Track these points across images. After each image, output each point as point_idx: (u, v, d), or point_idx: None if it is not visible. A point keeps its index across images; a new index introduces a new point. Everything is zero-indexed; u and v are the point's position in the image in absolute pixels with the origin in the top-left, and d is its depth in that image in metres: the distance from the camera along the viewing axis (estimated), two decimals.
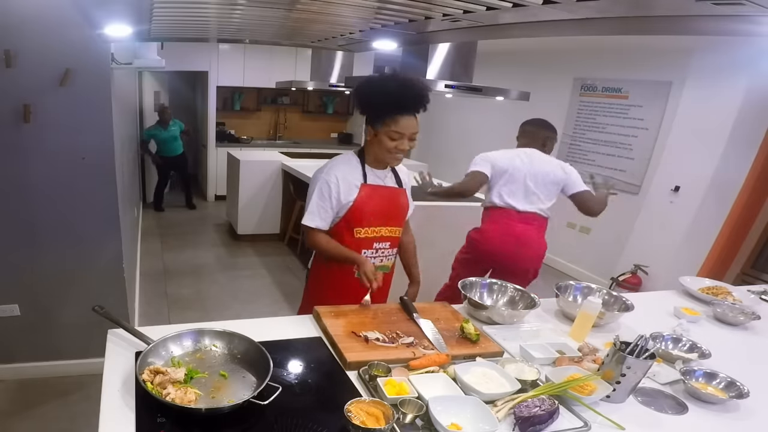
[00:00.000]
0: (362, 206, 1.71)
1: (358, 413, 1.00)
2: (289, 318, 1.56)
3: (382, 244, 1.80)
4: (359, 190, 1.71)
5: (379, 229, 1.78)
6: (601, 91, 4.75)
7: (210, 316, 3.54)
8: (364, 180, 1.73)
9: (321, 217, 1.71)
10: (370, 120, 1.68)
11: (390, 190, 1.79)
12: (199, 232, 5.73)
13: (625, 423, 1.11)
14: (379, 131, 1.66)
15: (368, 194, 1.72)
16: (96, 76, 2.16)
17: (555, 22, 1.32)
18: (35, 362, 2.54)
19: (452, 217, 3.54)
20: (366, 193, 1.71)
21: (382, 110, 1.64)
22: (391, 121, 1.63)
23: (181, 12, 1.75)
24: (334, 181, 1.69)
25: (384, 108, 1.63)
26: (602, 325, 1.63)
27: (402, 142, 1.66)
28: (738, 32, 1.23)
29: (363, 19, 1.71)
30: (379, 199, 1.75)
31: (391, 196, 1.80)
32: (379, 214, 1.76)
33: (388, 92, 1.62)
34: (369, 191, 1.72)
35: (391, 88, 1.62)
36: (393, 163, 1.77)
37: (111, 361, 1.17)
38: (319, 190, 1.70)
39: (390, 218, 1.80)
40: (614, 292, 1.80)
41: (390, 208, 1.79)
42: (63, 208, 2.31)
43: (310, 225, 1.72)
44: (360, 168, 1.74)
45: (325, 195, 1.70)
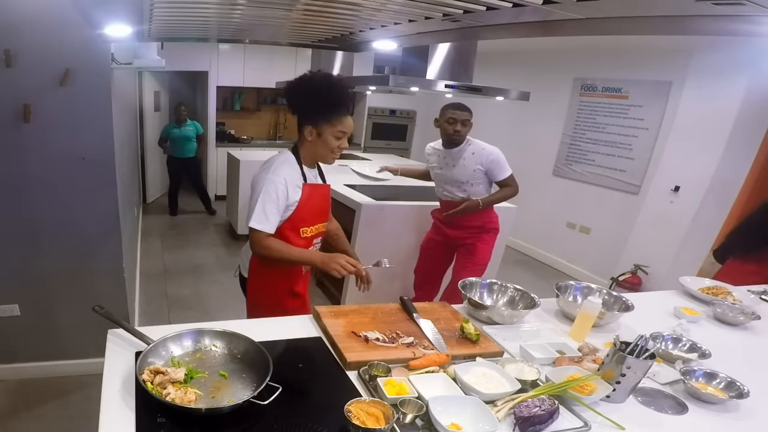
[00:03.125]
0: (306, 206, 1.74)
1: (358, 413, 1.00)
2: (289, 318, 1.56)
3: (319, 239, 1.88)
4: (302, 190, 1.72)
5: (318, 226, 1.83)
6: (601, 91, 4.75)
7: (210, 316, 3.54)
8: (304, 180, 1.74)
9: (270, 221, 1.67)
10: (311, 120, 1.67)
11: (323, 188, 1.85)
12: (199, 232, 5.73)
13: (625, 423, 1.11)
14: (323, 131, 1.67)
15: (310, 194, 1.74)
16: (96, 76, 2.16)
17: (555, 22, 1.32)
18: (35, 362, 2.54)
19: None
20: (308, 192, 1.74)
21: (328, 110, 1.65)
22: (337, 121, 1.66)
23: (181, 12, 1.75)
24: (282, 182, 1.67)
25: (331, 108, 1.65)
26: (602, 325, 1.63)
27: (344, 141, 1.71)
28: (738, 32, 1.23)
29: (363, 19, 1.70)
30: (319, 198, 1.80)
31: (325, 193, 1.86)
32: (318, 210, 1.81)
33: (332, 92, 1.63)
34: (310, 191, 1.75)
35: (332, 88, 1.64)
36: (331, 162, 1.78)
37: (111, 361, 1.17)
38: (267, 191, 1.65)
39: (324, 214, 1.87)
40: (614, 292, 1.80)
41: (325, 204, 1.87)
42: (63, 208, 2.31)
43: (262, 229, 1.65)
44: (298, 168, 1.75)
45: (273, 197, 1.66)
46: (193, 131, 5.87)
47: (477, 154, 2.68)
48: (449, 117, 2.62)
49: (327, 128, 1.67)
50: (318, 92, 1.64)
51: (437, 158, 2.83)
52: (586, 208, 4.92)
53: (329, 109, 1.65)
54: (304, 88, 1.66)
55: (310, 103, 1.66)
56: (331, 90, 1.64)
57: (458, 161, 2.70)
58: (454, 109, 2.63)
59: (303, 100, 1.67)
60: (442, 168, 2.79)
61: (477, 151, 2.68)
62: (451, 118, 2.62)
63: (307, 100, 1.67)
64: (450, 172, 2.75)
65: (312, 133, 1.69)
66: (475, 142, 2.71)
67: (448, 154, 2.74)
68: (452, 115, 2.62)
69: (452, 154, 2.72)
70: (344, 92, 1.66)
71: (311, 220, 1.78)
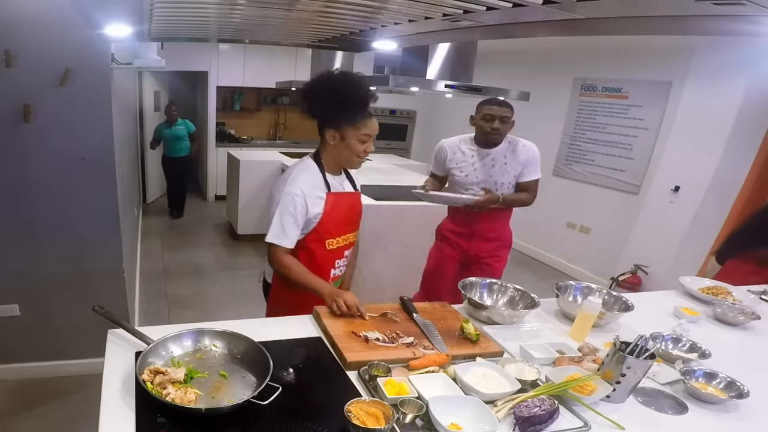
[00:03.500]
0: (331, 217, 1.65)
1: (358, 413, 1.00)
2: (289, 318, 1.56)
3: (350, 251, 1.79)
4: (325, 200, 1.64)
5: (347, 236, 1.74)
6: (601, 91, 4.75)
7: (210, 316, 3.54)
8: (328, 188, 1.66)
9: (288, 236, 1.60)
10: (334, 123, 1.59)
11: (351, 195, 1.75)
12: (199, 232, 5.73)
13: (625, 423, 1.11)
14: (347, 134, 1.59)
15: (335, 203, 1.66)
16: (96, 76, 2.16)
17: (555, 22, 1.31)
18: (35, 362, 2.54)
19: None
20: (332, 202, 1.65)
21: (351, 112, 1.57)
22: (362, 124, 1.58)
23: (181, 12, 1.75)
24: (299, 194, 1.59)
25: (354, 109, 1.57)
26: (602, 325, 1.63)
27: (369, 144, 1.62)
28: (738, 32, 1.23)
29: (363, 19, 1.70)
30: (345, 207, 1.70)
31: (352, 201, 1.75)
32: (345, 220, 1.72)
33: (354, 92, 1.55)
34: (335, 200, 1.66)
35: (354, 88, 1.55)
36: (357, 166, 1.70)
37: (111, 361, 1.17)
38: (284, 205, 1.59)
39: (354, 224, 1.77)
40: (614, 292, 1.80)
41: (353, 213, 1.76)
42: (63, 208, 2.31)
43: (280, 244, 1.60)
44: (321, 176, 1.66)
45: (290, 210, 1.59)
46: (185, 130, 5.80)
47: (518, 151, 2.44)
48: (485, 113, 2.36)
49: (351, 131, 1.58)
50: (338, 93, 1.55)
51: (465, 158, 2.49)
52: (586, 208, 4.92)
53: (352, 110, 1.56)
54: (323, 89, 1.57)
55: (330, 105, 1.57)
56: (353, 90, 1.55)
57: (498, 161, 2.44)
58: (490, 104, 2.38)
59: (322, 102, 1.58)
60: (477, 169, 2.46)
61: (518, 148, 2.45)
62: (487, 115, 2.35)
63: (326, 102, 1.57)
64: (487, 174, 2.45)
65: (335, 137, 1.61)
66: (514, 139, 2.47)
67: (485, 155, 2.45)
68: (489, 111, 2.35)
69: (491, 154, 2.44)
70: (366, 91, 1.57)
71: (338, 231, 1.69)
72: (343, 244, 1.73)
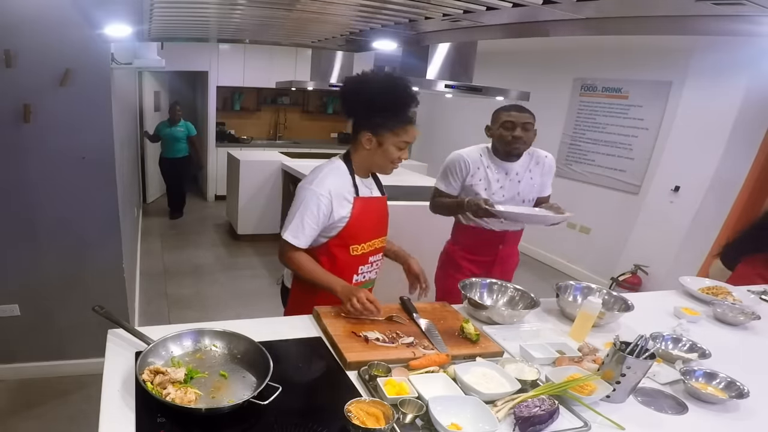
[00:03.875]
0: (357, 221, 1.59)
1: (358, 413, 1.00)
2: (289, 318, 1.56)
3: (376, 257, 1.73)
4: (353, 204, 1.57)
5: (373, 242, 1.68)
6: (601, 91, 4.75)
7: (210, 316, 3.54)
8: (356, 192, 1.59)
9: (306, 235, 1.55)
10: (370, 126, 1.52)
11: (379, 201, 1.69)
12: (199, 232, 5.73)
13: (625, 423, 1.11)
14: (385, 141, 1.52)
15: (362, 209, 1.60)
16: (96, 76, 2.16)
17: (555, 22, 1.32)
18: (35, 362, 2.55)
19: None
20: (360, 207, 1.59)
21: (393, 118, 1.50)
22: (402, 131, 1.51)
23: (181, 12, 1.75)
24: (326, 195, 1.53)
25: (397, 115, 1.50)
26: (602, 325, 1.63)
27: (405, 151, 1.56)
28: (738, 32, 1.23)
29: (363, 19, 1.70)
30: (373, 212, 1.65)
31: (380, 206, 1.70)
32: (373, 226, 1.66)
33: (397, 96, 1.48)
34: (363, 205, 1.60)
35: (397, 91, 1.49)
36: (389, 173, 1.64)
37: (111, 361, 1.17)
38: (307, 204, 1.53)
39: (381, 229, 1.72)
40: (614, 292, 1.80)
41: (381, 218, 1.70)
42: (63, 208, 2.31)
43: (293, 242, 1.55)
44: (350, 179, 1.59)
45: (313, 211, 1.53)
46: (184, 132, 5.78)
47: (541, 162, 2.21)
48: (504, 121, 2.07)
49: (389, 137, 1.51)
50: (382, 96, 1.48)
51: (490, 174, 2.14)
52: (586, 208, 4.92)
53: (394, 116, 1.49)
54: (364, 90, 1.50)
55: (371, 108, 1.50)
56: (396, 94, 1.48)
57: (524, 176, 2.17)
58: (508, 110, 2.09)
59: (362, 103, 1.51)
60: (503, 186, 2.15)
61: (540, 159, 2.21)
62: (507, 122, 2.06)
63: (367, 105, 1.50)
64: (514, 191, 2.17)
65: (371, 141, 1.53)
66: (533, 150, 2.21)
67: (509, 169, 2.15)
68: (508, 118, 2.06)
69: (515, 167, 2.16)
70: (411, 97, 1.50)
71: (364, 237, 1.63)
72: (368, 250, 1.67)
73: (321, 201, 1.53)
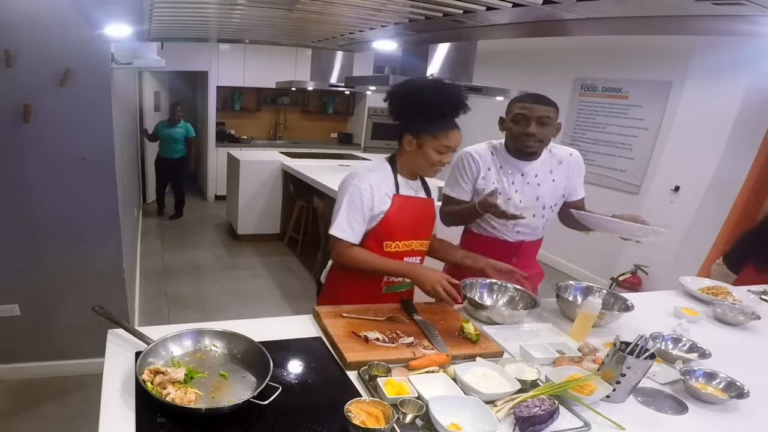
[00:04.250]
0: (393, 218, 1.60)
1: (358, 413, 1.00)
2: (289, 318, 1.56)
3: (414, 259, 1.70)
4: (391, 200, 1.59)
5: (410, 242, 1.67)
6: (601, 91, 4.75)
7: (210, 316, 3.54)
8: (396, 190, 1.61)
9: (354, 230, 1.57)
10: (412, 129, 1.54)
11: (422, 201, 1.69)
12: (199, 232, 5.73)
13: (625, 423, 1.11)
14: (425, 144, 1.53)
15: (400, 206, 1.60)
16: (96, 76, 2.16)
17: (555, 22, 1.32)
18: (35, 362, 2.55)
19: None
20: (398, 204, 1.60)
21: (433, 121, 1.51)
22: (442, 135, 1.51)
23: (181, 12, 1.75)
24: (367, 189, 1.56)
25: (436, 119, 1.51)
26: (602, 325, 1.63)
27: (447, 156, 1.56)
28: (738, 32, 1.23)
29: (363, 19, 1.70)
30: (411, 211, 1.64)
31: (423, 207, 1.69)
32: (411, 226, 1.66)
33: (441, 101, 1.49)
34: (401, 202, 1.61)
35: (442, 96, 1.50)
36: (432, 176, 1.65)
37: (111, 361, 1.17)
38: (351, 198, 1.56)
39: (421, 231, 1.70)
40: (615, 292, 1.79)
41: (421, 219, 1.69)
42: (63, 208, 2.31)
43: (345, 239, 1.57)
44: (392, 177, 1.62)
45: (357, 205, 1.56)
46: (183, 133, 5.78)
47: (565, 162, 1.90)
48: (516, 113, 1.76)
49: (429, 140, 1.52)
50: (424, 99, 1.50)
51: (503, 174, 1.86)
52: (587, 207, 4.91)
53: (434, 119, 1.51)
54: (410, 93, 1.53)
55: (413, 110, 1.52)
56: (440, 98, 1.49)
57: (545, 178, 1.87)
58: (522, 101, 1.76)
59: (406, 105, 1.54)
60: (519, 190, 1.86)
61: (565, 158, 1.91)
62: (519, 115, 1.75)
63: (410, 107, 1.53)
64: (532, 195, 1.87)
65: (411, 144, 1.56)
66: (555, 147, 1.92)
67: (526, 169, 1.85)
68: (521, 111, 1.75)
69: (533, 167, 1.86)
70: (455, 102, 1.51)
71: (399, 235, 1.63)
72: (403, 250, 1.66)
73: (363, 194, 1.56)
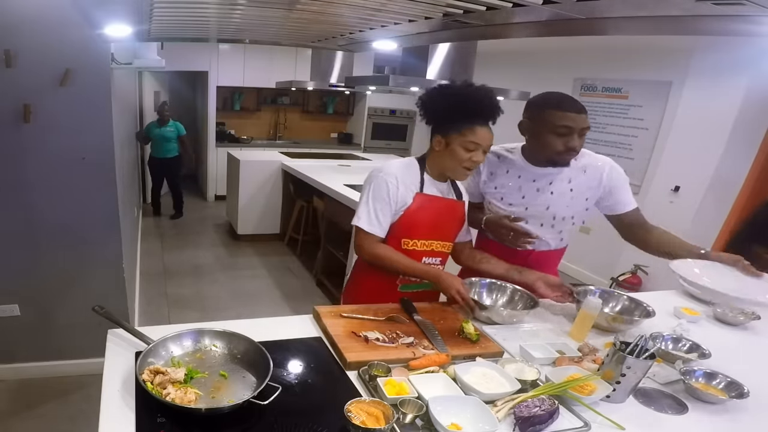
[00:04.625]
0: (414, 215, 1.59)
1: (358, 413, 1.00)
2: (289, 318, 1.56)
3: (433, 259, 1.67)
4: (414, 197, 1.59)
5: (430, 242, 1.65)
6: (601, 91, 4.75)
7: (210, 316, 3.55)
8: (420, 188, 1.61)
9: (380, 222, 1.55)
10: (441, 129, 1.56)
11: (447, 202, 1.66)
12: (199, 232, 5.73)
13: (625, 423, 1.11)
14: (452, 141, 1.53)
15: (422, 203, 1.59)
16: (96, 76, 2.16)
17: (555, 22, 1.32)
18: (35, 362, 2.55)
19: None
20: (420, 202, 1.59)
21: (458, 118, 1.52)
22: (468, 131, 1.50)
23: (181, 12, 1.75)
24: (393, 182, 1.56)
25: (461, 116, 1.52)
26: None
27: (477, 153, 1.53)
28: (738, 32, 1.23)
29: (363, 19, 1.70)
30: (434, 211, 1.62)
31: (448, 208, 1.66)
32: (432, 226, 1.63)
33: (465, 100, 1.51)
34: (423, 201, 1.60)
35: (467, 96, 1.52)
36: (462, 177, 1.62)
37: (111, 361, 1.17)
38: (377, 189, 1.55)
39: (443, 232, 1.67)
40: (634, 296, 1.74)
41: (445, 220, 1.66)
42: (63, 208, 2.31)
43: (371, 232, 1.55)
44: (419, 174, 1.61)
45: (383, 196, 1.54)
46: (174, 132, 5.76)
47: (592, 173, 1.71)
48: (560, 125, 1.56)
49: (456, 138, 1.52)
50: (450, 99, 1.52)
51: (507, 179, 1.76)
52: None
53: (460, 116, 1.51)
54: (438, 95, 1.56)
55: (441, 111, 1.55)
56: (467, 97, 1.51)
57: (559, 186, 1.71)
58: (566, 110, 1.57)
59: (434, 107, 1.56)
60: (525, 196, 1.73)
61: (591, 165, 1.71)
62: (564, 127, 1.56)
63: (438, 108, 1.55)
64: (541, 203, 1.73)
65: (440, 143, 1.56)
66: (585, 154, 1.71)
67: (538, 174, 1.71)
68: (565, 122, 1.56)
69: (548, 174, 1.70)
70: (483, 100, 1.51)
71: (418, 233, 1.61)
72: (422, 249, 1.64)
73: (389, 186, 1.56)
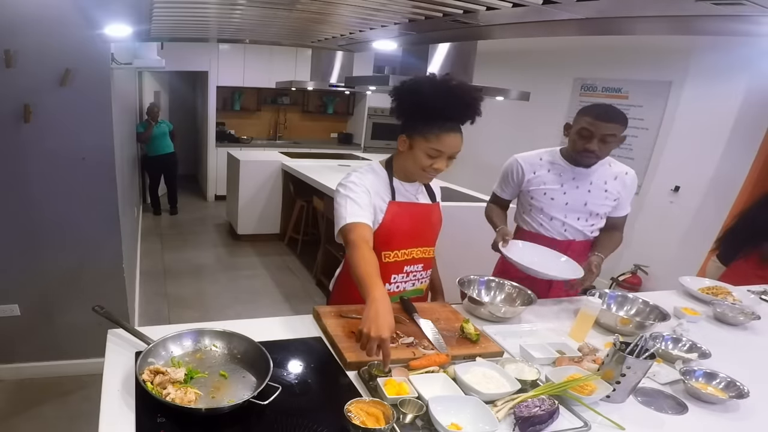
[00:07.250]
0: (391, 227, 1.51)
1: (358, 413, 1.00)
2: (289, 318, 1.56)
3: (414, 267, 1.62)
4: (387, 208, 1.50)
5: (410, 250, 1.58)
6: (601, 91, 4.75)
7: (210, 316, 3.54)
8: (392, 197, 1.52)
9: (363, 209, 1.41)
10: (406, 129, 1.44)
11: (422, 207, 1.59)
12: (199, 232, 5.73)
13: (625, 423, 1.11)
14: (416, 145, 1.42)
15: (397, 213, 1.51)
16: (96, 76, 2.16)
17: (555, 22, 1.32)
18: (35, 362, 2.55)
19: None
20: (395, 212, 1.51)
21: (422, 121, 1.39)
22: (434, 137, 1.38)
23: (181, 12, 1.75)
24: (363, 182, 1.47)
25: (426, 119, 1.39)
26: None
27: (439, 161, 1.42)
28: (738, 32, 1.23)
29: (363, 19, 1.70)
30: (410, 218, 1.54)
31: (423, 214, 1.60)
32: (410, 234, 1.56)
33: (435, 100, 1.36)
34: (398, 210, 1.52)
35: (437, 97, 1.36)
36: (423, 181, 1.57)
37: (111, 361, 1.17)
38: (349, 191, 1.44)
39: (422, 238, 1.60)
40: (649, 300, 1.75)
41: (422, 226, 1.59)
42: (63, 208, 2.31)
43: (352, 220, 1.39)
44: (388, 182, 1.52)
45: (360, 192, 1.44)
46: (166, 128, 5.83)
47: (620, 179, 1.94)
48: (582, 127, 1.76)
49: (420, 142, 1.40)
50: (421, 98, 1.37)
51: (552, 177, 1.91)
52: None
53: (426, 119, 1.38)
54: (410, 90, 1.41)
55: (409, 108, 1.42)
56: (438, 97, 1.35)
57: (597, 185, 1.91)
58: (590, 115, 1.74)
59: (404, 103, 1.43)
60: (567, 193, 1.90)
61: (620, 175, 1.94)
62: (584, 130, 1.75)
63: (407, 105, 1.42)
64: (580, 200, 1.91)
65: (404, 144, 1.45)
66: (613, 162, 1.96)
67: (580, 174, 1.89)
68: (585, 125, 1.74)
69: (589, 175, 1.90)
70: (456, 103, 1.37)
71: (398, 244, 1.54)
72: (403, 259, 1.57)
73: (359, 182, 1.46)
